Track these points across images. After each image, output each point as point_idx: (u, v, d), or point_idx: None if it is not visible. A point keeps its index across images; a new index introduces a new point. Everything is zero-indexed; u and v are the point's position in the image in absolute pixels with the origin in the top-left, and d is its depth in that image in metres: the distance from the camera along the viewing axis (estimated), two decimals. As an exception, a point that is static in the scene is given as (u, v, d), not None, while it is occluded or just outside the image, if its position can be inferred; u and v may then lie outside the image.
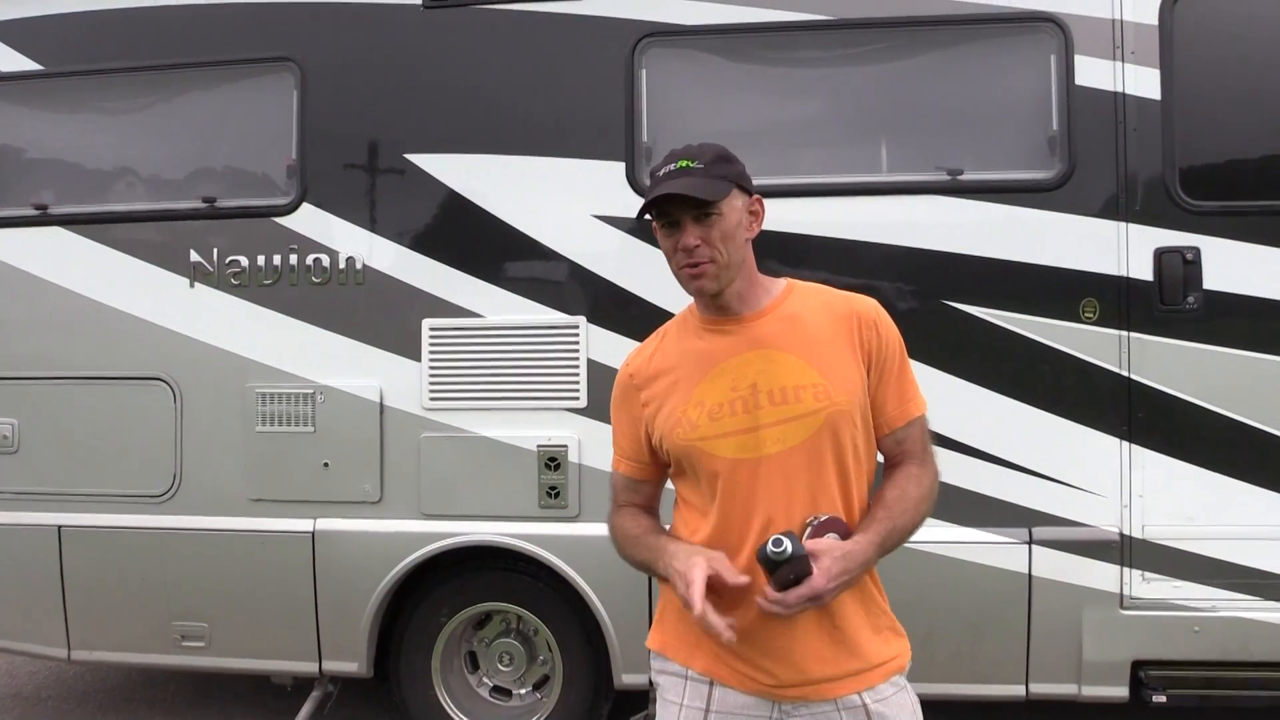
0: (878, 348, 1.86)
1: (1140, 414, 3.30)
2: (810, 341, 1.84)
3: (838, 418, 1.81)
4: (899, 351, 1.89)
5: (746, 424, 1.82)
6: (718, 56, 3.56)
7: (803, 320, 1.86)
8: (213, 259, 3.73)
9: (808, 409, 1.80)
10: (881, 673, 1.83)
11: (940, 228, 3.38)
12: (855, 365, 1.84)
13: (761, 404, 1.82)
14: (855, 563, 1.73)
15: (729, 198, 1.81)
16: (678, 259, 1.83)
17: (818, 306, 1.89)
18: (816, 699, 1.81)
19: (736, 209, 1.83)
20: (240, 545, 3.68)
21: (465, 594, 3.73)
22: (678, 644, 1.91)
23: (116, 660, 4.01)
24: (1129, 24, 3.32)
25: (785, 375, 1.82)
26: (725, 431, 1.83)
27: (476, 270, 3.59)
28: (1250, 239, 3.26)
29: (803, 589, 1.67)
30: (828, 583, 1.68)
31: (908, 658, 1.90)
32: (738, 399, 1.83)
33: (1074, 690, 3.36)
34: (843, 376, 1.83)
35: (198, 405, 3.72)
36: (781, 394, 1.81)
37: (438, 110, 3.63)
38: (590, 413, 3.51)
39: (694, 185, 1.78)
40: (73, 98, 3.91)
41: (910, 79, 3.47)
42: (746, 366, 1.84)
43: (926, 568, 3.27)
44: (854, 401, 1.82)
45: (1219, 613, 3.29)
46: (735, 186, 1.83)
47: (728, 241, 1.81)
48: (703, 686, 1.87)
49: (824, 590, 1.68)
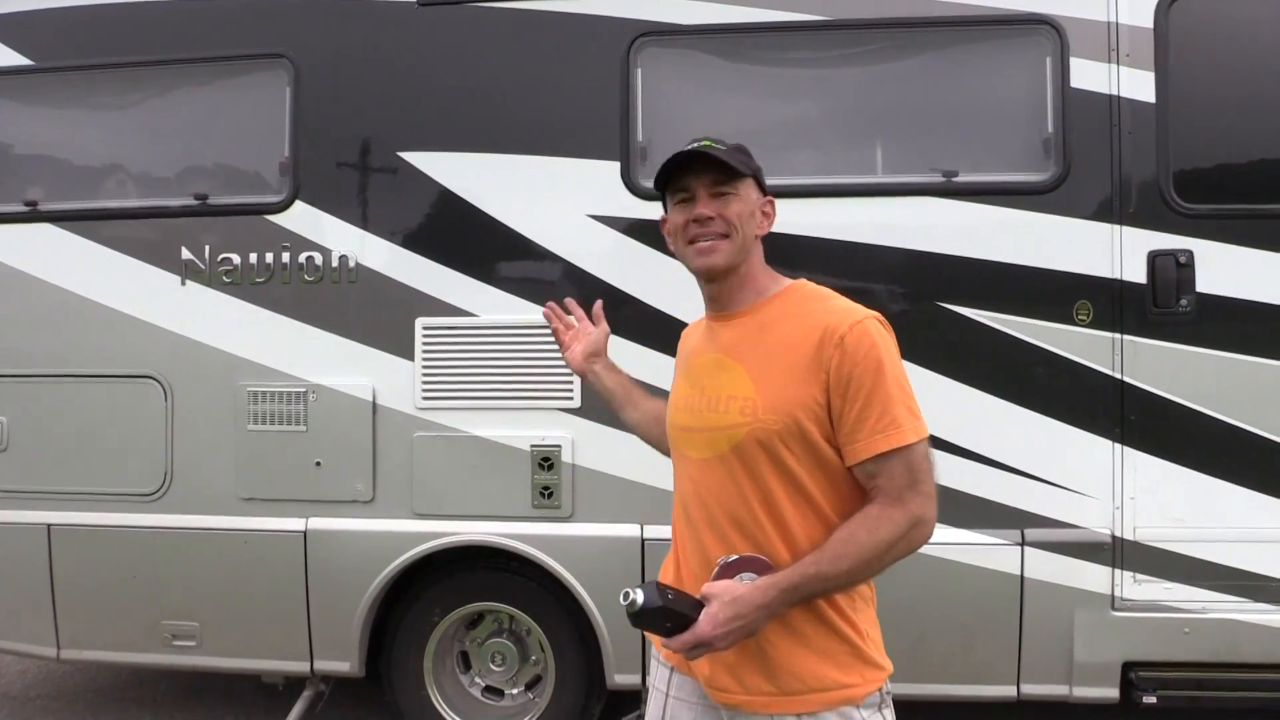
0: (838, 366, 1.68)
1: (1133, 416, 3.32)
2: (763, 354, 1.78)
3: (761, 436, 1.72)
4: (872, 374, 1.68)
5: (690, 422, 1.86)
6: (713, 56, 3.55)
7: (769, 330, 1.80)
8: (204, 256, 3.71)
9: (730, 421, 1.77)
10: (824, 699, 1.73)
11: (935, 229, 3.38)
12: (807, 385, 1.70)
13: (702, 407, 1.83)
14: (749, 607, 1.64)
15: (746, 184, 1.83)
16: (688, 231, 1.82)
17: (796, 316, 1.79)
18: (748, 710, 1.78)
19: (751, 200, 1.85)
20: (231, 544, 3.67)
21: (458, 594, 3.73)
22: None
23: (106, 659, 3.98)
24: (1124, 27, 3.32)
25: (725, 384, 1.81)
26: (681, 425, 1.89)
27: (470, 269, 3.58)
28: (1243, 242, 3.27)
29: (685, 636, 1.65)
30: (714, 629, 1.64)
31: (870, 689, 1.76)
32: (692, 396, 1.88)
33: (1065, 691, 3.37)
34: (781, 395, 1.71)
35: (189, 403, 3.71)
36: (716, 401, 1.81)
37: (432, 108, 3.61)
38: (584, 413, 3.50)
39: (719, 155, 1.79)
40: (64, 93, 3.87)
41: (906, 80, 3.47)
42: (704, 368, 1.88)
43: (919, 569, 3.22)
44: (786, 422, 1.70)
45: (1209, 614, 3.30)
46: (753, 178, 1.85)
47: (742, 220, 1.82)
48: (666, 671, 1.94)
49: (710, 637, 1.64)
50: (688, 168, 1.80)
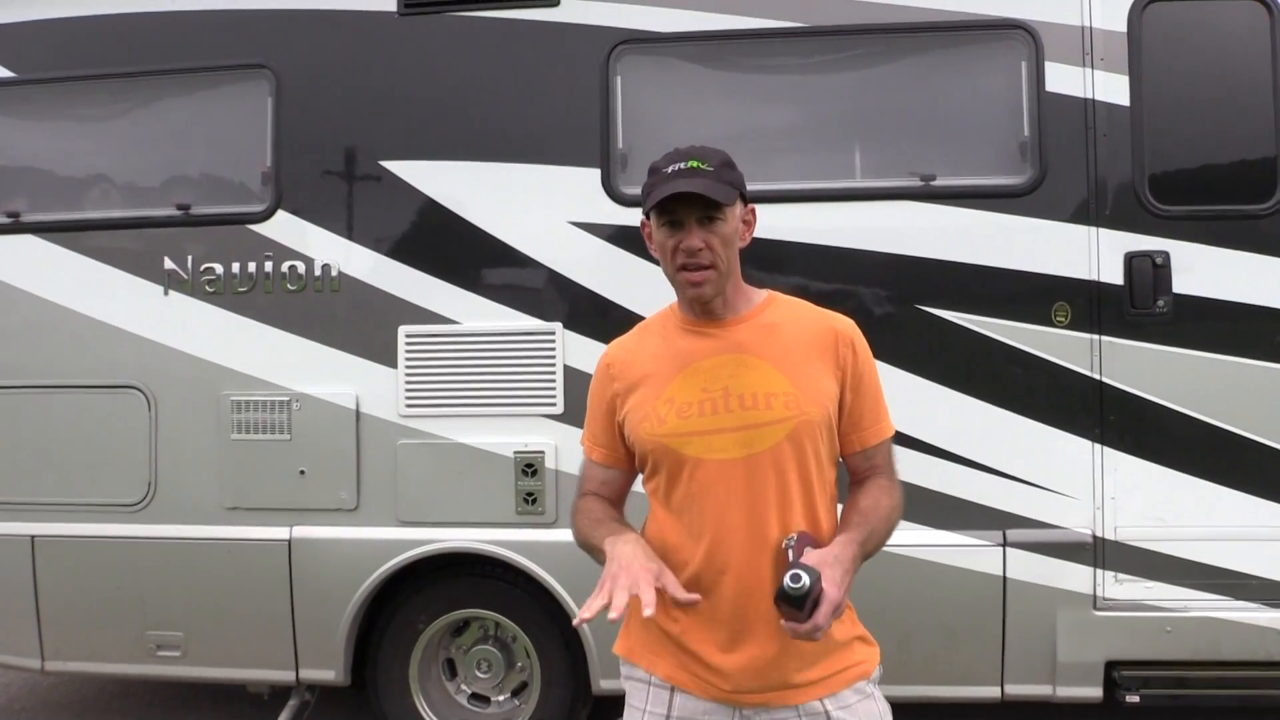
0: (854, 366, 1.87)
1: (1112, 417, 3.34)
2: (785, 351, 1.85)
3: (805, 427, 1.81)
4: (874, 372, 1.92)
5: (714, 425, 1.82)
6: (692, 63, 3.58)
7: (780, 330, 1.88)
8: (187, 266, 3.71)
9: (776, 416, 1.81)
10: (844, 679, 1.84)
11: (913, 233, 3.40)
12: (829, 379, 1.85)
13: (731, 407, 1.82)
14: (849, 564, 1.75)
15: (733, 205, 1.83)
16: (677, 259, 1.82)
17: (797, 319, 1.91)
18: (778, 704, 1.81)
19: (736, 217, 1.85)
20: (216, 554, 3.66)
21: (443, 601, 3.72)
22: (642, 649, 1.93)
23: (91, 670, 3.97)
24: (1098, 31, 3.36)
25: (757, 381, 1.83)
26: (692, 430, 1.83)
27: (453, 277, 3.59)
28: (1218, 243, 3.30)
29: (824, 607, 1.66)
30: (840, 591, 1.69)
31: (874, 664, 1.90)
32: (708, 400, 1.83)
33: (1049, 691, 3.38)
34: (814, 388, 1.83)
35: (172, 413, 3.70)
36: (752, 399, 1.82)
37: (413, 117, 3.62)
38: (567, 419, 3.51)
39: (709, 187, 1.78)
40: (46, 104, 3.87)
41: (883, 85, 3.50)
42: (720, 369, 1.85)
43: (902, 571, 3.28)
44: (823, 414, 1.83)
45: (1190, 613, 3.32)
46: (738, 194, 1.85)
47: (728, 247, 1.83)
48: (664, 693, 1.89)
49: (840, 599, 1.69)
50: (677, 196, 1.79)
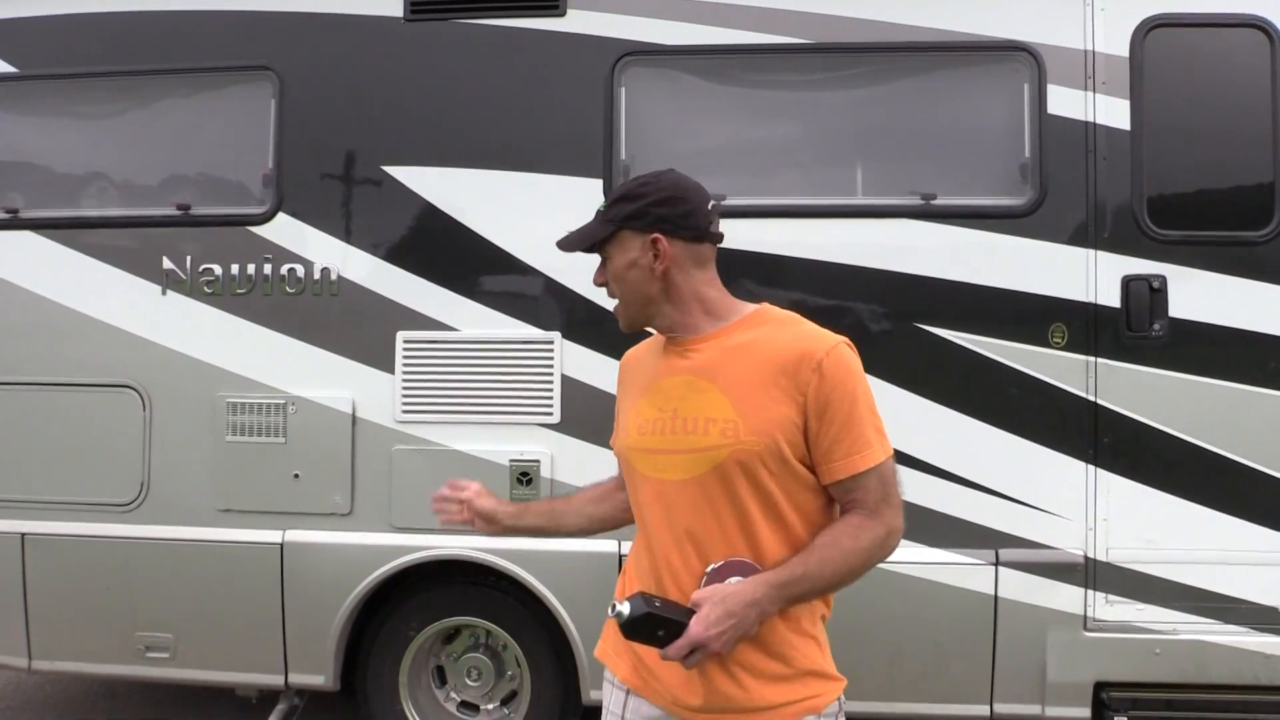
0: (817, 390, 1.73)
1: (1106, 439, 3.36)
2: (739, 376, 1.79)
3: (742, 457, 1.74)
4: (849, 398, 1.75)
5: (663, 445, 1.83)
6: (696, 77, 3.59)
7: (747, 351, 1.81)
8: (186, 267, 3.71)
9: (712, 443, 1.77)
10: (793, 711, 1.77)
11: (913, 251, 3.42)
12: (785, 406, 1.74)
13: (677, 430, 1.82)
14: (740, 604, 1.67)
15: (616, 240, 1.84)
16: None
17: (771, 339, 1.81)
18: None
19: (626, 250, 1.84)
20: (208, 556, 3.65)
21: (434, 608, 3.72)
22: (612, 652, 1.95)
23: (78, 670, 3.95)
24: (1101, 55, 3.38)
25: (702, 406, 1.81)
26: (647, 447, 1.86)
27: (452, 284, 3.59)
28: (1215, 269, 3.33)
29: (679, 642, 1.66)
30: (706, 630, 1.65)
31: (829, 699, 1.81)
32: (661, 419, 1.85)
33: (1038, 710, 3.39)
34: (761, 416, 1.74)
35: (167, 414, 3.69)
36: (694, 424, 1.80)
37: (416, 123, 3.63)
38: (563, 428, 3.51)
39: (575, 236, 1.89)
40: (47, 101, 3.87)
41: (886, 104, 3.52)
42: (673, 390, 1.85)
43: (894, 588, 3.29)
44: (767, 443, 1.74)
45: (1179, 635, 3.34)
46: (622, 228, 1.83)
47: (620, 282, 1.87)
48: (622, 694, 1.91)
49: (704, 638, 1.65)
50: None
